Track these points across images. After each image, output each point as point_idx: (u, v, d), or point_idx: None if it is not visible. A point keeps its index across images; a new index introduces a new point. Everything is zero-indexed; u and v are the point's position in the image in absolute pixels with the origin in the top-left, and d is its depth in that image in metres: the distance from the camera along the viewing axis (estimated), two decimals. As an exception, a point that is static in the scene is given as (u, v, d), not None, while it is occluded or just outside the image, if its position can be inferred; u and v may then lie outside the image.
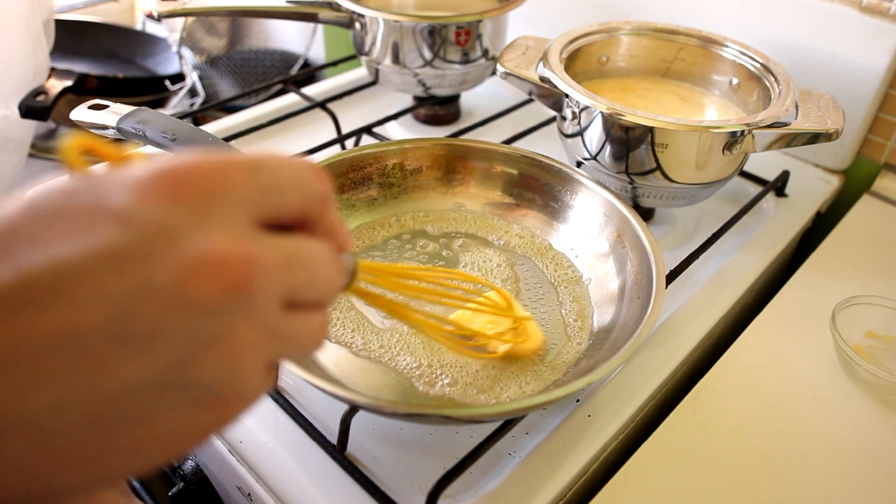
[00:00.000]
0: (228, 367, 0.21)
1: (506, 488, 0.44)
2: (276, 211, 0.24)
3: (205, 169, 0.22)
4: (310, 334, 0.25)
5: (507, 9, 0.76)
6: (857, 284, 0.63)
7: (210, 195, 0.21)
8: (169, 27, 1.14)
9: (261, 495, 0.47)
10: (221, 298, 0.20)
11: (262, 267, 0.22)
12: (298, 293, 0.24)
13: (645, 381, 0.52)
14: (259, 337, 0.22)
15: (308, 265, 0.24)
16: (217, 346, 0.21)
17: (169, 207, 0.21)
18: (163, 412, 0.21)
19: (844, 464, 0.48)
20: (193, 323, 0.20)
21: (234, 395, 0.22)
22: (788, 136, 0.56)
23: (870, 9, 0.70)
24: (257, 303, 0.22)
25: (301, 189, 0.24)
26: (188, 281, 0.20)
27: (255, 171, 0.23)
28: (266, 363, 0.23)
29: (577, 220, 0.59)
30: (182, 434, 0.22)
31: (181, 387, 0.21)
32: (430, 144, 0.62)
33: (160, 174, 0.21)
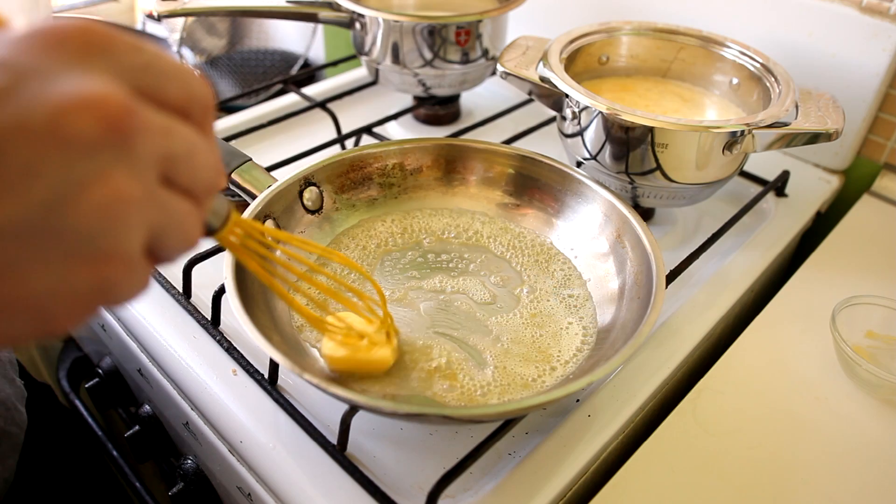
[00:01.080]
0: (106, 215, 0.20)
1: (506, 488, 0.44)
2: (157, 90, 0.23)
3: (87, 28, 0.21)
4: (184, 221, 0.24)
5: (507, 9, 0.76)
6: (857, 284, 0.63)
7: (90, 49, 0.21)
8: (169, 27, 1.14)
9: (261, 495, 0.47)
10: (97, 136, 0.20)
11: (141, 118, 0.21)
12: (176, 169, 0.23)
13: (645, 381, 0.52)
14: (137, 192, 0.21)
15: (186, 142, 0.24)
16: (94, 187, 0.20)
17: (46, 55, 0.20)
18: (34, 264, 0.20)
19: (844, 464, 0.48)
20: (68, 160, 0.20)
21: (111, 253, 0.21)
22: (788, 136, 0.56)
23: (870, 9, 0.70)
24: (136, 153, 0.21)
25: (184, 84, 0.24)
26: (63, 116, 0.19)
27: (139, 49, 0.23)
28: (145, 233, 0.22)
29: (577, 220, 0.59)
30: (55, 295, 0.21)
31: (53, 233, 0.20)
32: (430, 144, 0.62)
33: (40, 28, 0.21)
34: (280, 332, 0.49)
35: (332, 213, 0.59)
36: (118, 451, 0.66)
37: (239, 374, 0.52)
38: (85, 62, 0.21)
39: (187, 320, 0.56)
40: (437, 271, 0.57)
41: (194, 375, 0.52)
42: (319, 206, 0.58)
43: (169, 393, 0.54)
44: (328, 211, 0.59)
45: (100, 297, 0.22)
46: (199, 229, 0.26)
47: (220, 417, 0.49)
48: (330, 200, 0.59)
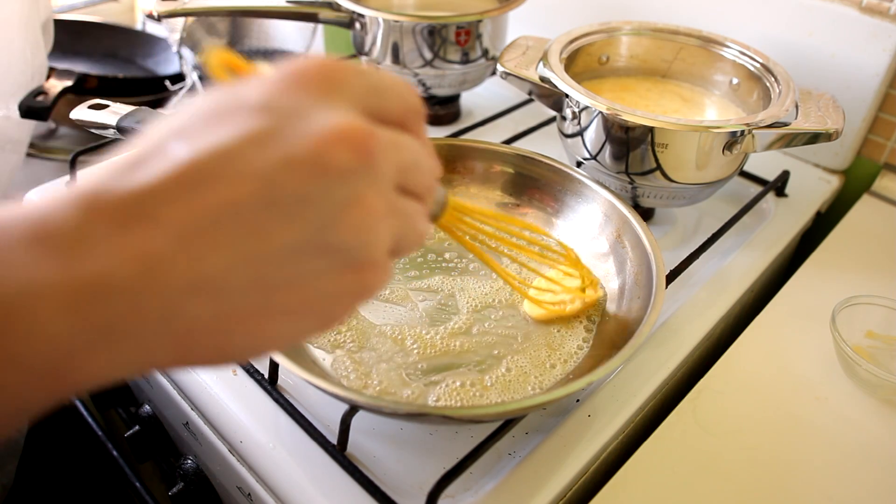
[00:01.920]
0: (363, 231, 0.24)
1: (506, 488, 0.44)
2: (381, 109, 0.26)
3: (324, 65, 0.25)
4: (416, 221, 0.28)
5: (507, 9, 0.76)
6: (857, 284, 0.63)
7: (331, 85, 0.25)
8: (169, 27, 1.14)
9: (261, 495, 0.47)
10: (352, 162, 0.23)
11: (380, 139, 0.25)
12: (406, 176, 0.27)
13: (645, 381, 0.52)
14: (384, 206, 0.25)
15: (412, 151, 0.27)
16: (352, 209, 0.24)
17: (298, 95, 0.24)
18: (312, 277, 0.24)
19: (844, 464, 0.48)
20: (331, 187, 0.23)
21: (369, 262, 0.25)
22: (788, 136, 0.56)
23: (870, 9, 0.70)
24: (380, 171, 0.25)
25: (401, 96, 0.27)
26: (323, 149, 0.23)
27: (363, 73, 0.26)
28: (390, 237, 0.26)
29: (577, 220, 0.59)
30: (329, 299, 0.25)
31: (326, 250, 0.24)
32: (430, 144, 0.62)
33: (287, 72, 0.25)
34: (280, 332, 0.49)
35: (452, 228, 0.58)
36: (118, 451, 0.66)
37: (239, 374, 0.52)
38: (328, 97, 0.24)
39: (187, 320, 0.56)
40: (438, 271, 0.56)
41: (194, 375, 0.52)
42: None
43: (169, 393, 0.54)
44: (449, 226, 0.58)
45: (362, 296, 0.26)
46: (427, 224, 0.30)
47: (220, 417, 0.49)
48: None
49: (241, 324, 0.23)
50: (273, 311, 0.24)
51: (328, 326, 0.26)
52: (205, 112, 0.23)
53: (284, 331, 0.25)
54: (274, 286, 0.23)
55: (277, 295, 0.24)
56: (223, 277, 0.22)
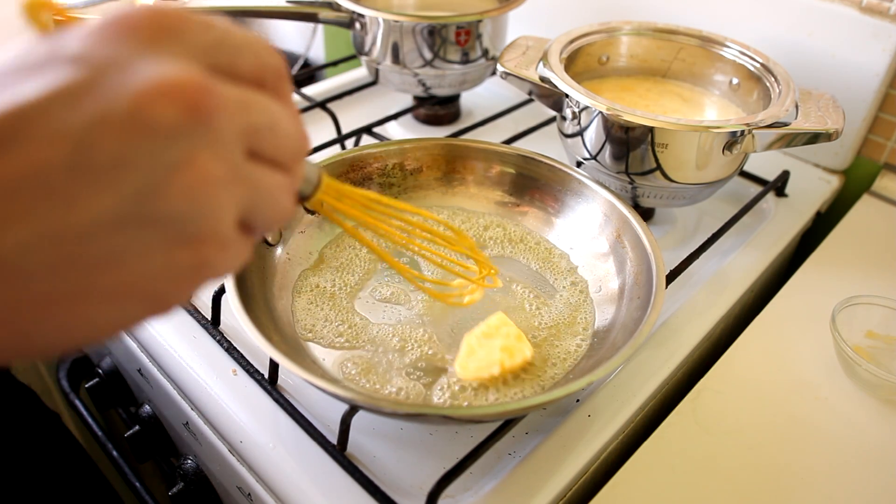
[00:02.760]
0: (195, 197, 0.21)
1: (506, 488, 0.44)
2: (231, 65, 0.23)
3: (156, 12, 0.22)
4: (274, 192, 0.25)
5: (507, 9, 0.76)
6: (857, 284, 0.63)
7: (161, 33, 0.22)
8: (169, 27, 1.14)
9: (261, 495, 0.47)
10: (179, 120, 0.20)
11: (219, 96, 0.21)
12: (260, 140, 0.24)
13: (645, 381, 0.52)
14: (223, 171, 0.22)
15: (266, 112, 0.24)
16: (180, 172, 0.20)
17: (120, 44, 0.21)
18: (136, 253, 0.21)
19: (844, 464, 0.48)
20: (153, 148, 0.20)
21: (207, 234, 0.22)
22: (788, 136, 0.56)
23: (870, 9, 0.70)
24: (218, 132, 0.21)
25: (256, 55, 0.24)
26: (144, 105, 0.20)
27: (209, 27, 0.23)
28: (237, 210, 0.23)
29: (577, 220, 0.59)
30: (160, 279, 0.21)
31: (150, 221, 0.21)
32: (430, 144, 0.62)
33: (112, 19, 0.21)
34: (280, 332, 0.49)
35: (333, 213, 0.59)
36: (118, 451, 0.66)
37: (239, 374, 0.52)
38: (158, 47, 0.21)
39: (187, 320, 0.56)
40: (438, 270, 0.56)
41: (194, 375, 0.52)
42: (319, 206, 0.58)
43: (169, 393, 0.54)
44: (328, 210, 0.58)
45: (201, 274, 0.23)
46: (291, 198, 0.26)
47: (220, 417, 0.49)
48: (330, 200, 0.59)
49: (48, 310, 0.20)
50: (89, 295, 0.20)
51: (163, 310, 0.23)
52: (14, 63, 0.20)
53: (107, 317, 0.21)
54: (88, 266, 0.20)
55: (93, 276, 0.20)
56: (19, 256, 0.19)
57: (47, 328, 0.20)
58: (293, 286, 0.54)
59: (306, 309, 0.52)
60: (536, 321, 0.52)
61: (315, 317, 0.52)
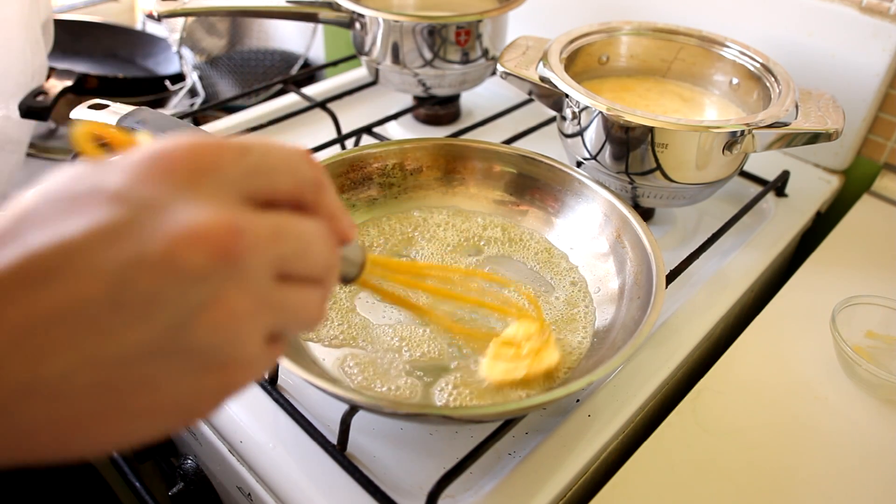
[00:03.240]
0: (223, 332, 0.23)
1: (506, 488, 0.44)
2: (267, 191, 0.25)
3: (194, 148, 0.23)
4: (305, 307, 0.26)
5: (507, 9, 0.76)
6: (857, 284, 0.63)
7: (198, 172, 0.23)
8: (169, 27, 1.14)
9: (261, 495, 0.47)
10: (208, 264, 0.22)
11: (249, 235, 0.23)
12: (290, 265, 0.25)
13: (645, 381, 0.52)
14: (251, 304, 0.23)
15: (298, 237, 0.25)
16: (209, 310, 0.22)
17: (159, 185, 0.22)
18: (167, 378, 0.23)
19: (844, 464, 0.48)
20: (185, 289, 0.22)
21: (233, 361, 0.24)
22: (788, 136, 0.56)
23: (870, 9, 0.70)
24: (246, 270, 0.23)
25: (292, 173, 0.26)
26: (176, 249, 0.21)
27: (246, 153, 0.24)
28: (264, 332, 0.25)
29: (577, 220, 0.59)
30: (189, 399, 0.23)
31: (181, 352, 0.22)
32: (430, 144, 0.62)
33: (152, 155, 0.23)
34: (280, 332, 0.49)
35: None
36: (118, 452, 0.66)
37: (239, 374, 0.52)
38: (195, 187, 0.23)
39: (187, 320, 0.56)
40: (437, 271, 0.57)
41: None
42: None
43: (169, 393, 0.54)
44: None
45: (227, 393, 0.25)
46: (322, 309, 0.27)
47: (220, 417, 0.49)
48: (330, 200, 0.59)
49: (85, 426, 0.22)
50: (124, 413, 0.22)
51: (191, 422, 0.25)
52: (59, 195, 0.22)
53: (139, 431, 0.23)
54: (122, 388, 0.22)
55: (129, 397, 0.22)
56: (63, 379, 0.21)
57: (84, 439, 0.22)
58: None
59: (306, 309, 0.52)
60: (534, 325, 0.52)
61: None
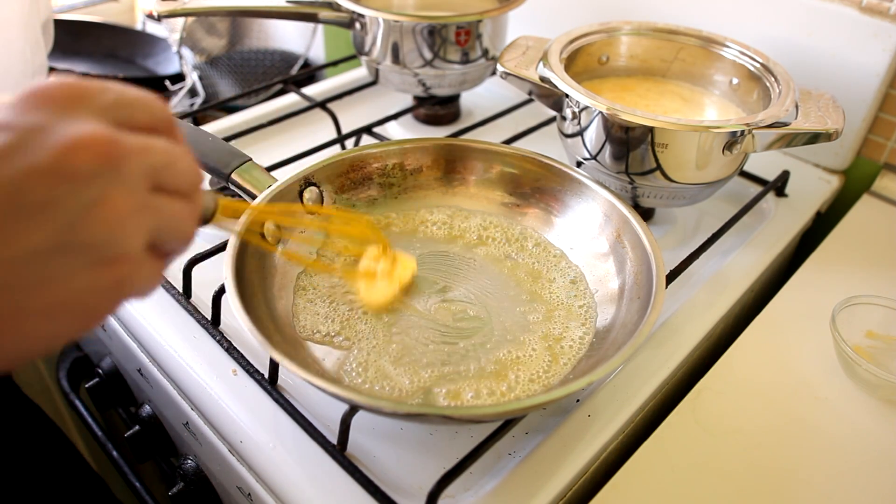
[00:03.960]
0: (110, 227, 0.26)
1: (506, 488, 0.44)
2: (129, 121, 0.28)
3: (64, 83, 0.27)
4: (180, 216, 0.29)
5: (507, 9, 0.76)
6: (857, 284, 0.63)
7: (71, 100, 0.27)
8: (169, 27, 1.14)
9: (261, 495, 0.47)
10: (94, 167, 0.25)
11: (123, 144, 0.26)
12: (161, 176, 0.28)
13: (645, 381, 0.52)
14: (133, 204, 0.27)
15: (165, 152, 0.29)
16: (97, 208, 0.25)
17: (39, 112, 0.26)
18: (64, 274, 0.25)
19: (844, 463, 0.48)
20: (75, 190, 0.25)
21: (121, 255, 0.26)
22: (788, 136, 0.56)
23: (870, 9, 0.70)
24: (125, 173, 0.26)
25: (148, 109, 0.29)
26: (65, 157, 0.25)
27: (106, 89, 0.28)
28: (146, 234, 0.28)
29: (576, 220, 0.59)
30: (86, 296, 0.26)
31: (75, 248, 0.25)
32: (430, 144, 0.62)
33: (29, 92, 0.26)
34: (280, 332, 0.49)
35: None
36: (118, 451, 0.66)
37: (239, 374, 0.52)
38: (70, 111, 0.26)
39: (187, 320, 0.56)
40: (439, 270, 0.56)
41: (194, 375, 0.52)
42: (320, 206, 0.58)
43: (169, 393, 0.54)
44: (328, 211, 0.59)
45: (121, 290, 0.27)
46: (193, 222, 0.31)
47: (220, 417, 0.49)
48: (330, 200, 0.59)
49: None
50: (29, 312, 0.25)
51: (91, 323, 0.27)
52: None
53: (44, 331, 0.26)
54: (24, 288, 0.25)
55: (30, 296, 0.25)
56: None
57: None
58: (293, 286, 0.54)
59: (306, 309, 0.52)
60: (534, 320, 0.52)
61: (315, 316, 0.52)
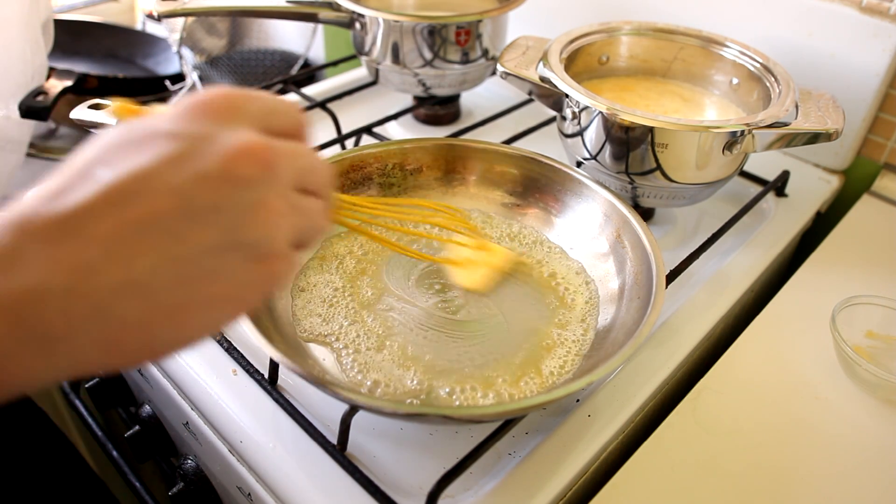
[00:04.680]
0: (268, 227, 0.28)
1: (506, 488, 0.44)
2: (275, 127, 0.31)
3: (222, 94, 0.30)
4: (318, 213, 0.32)
5: (507, 9, 0.76)
6: (857, 284, 0.63)
7: (230, 110, 0.29)
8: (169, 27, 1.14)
9: (261, 495, 0.47)
10: (255, 173, 0.28)
11: (278, 151, 0.29)
12: (304, 178, 0.31)
13: (645, 381, 0.52)
14: (284, 206, 0.29)
15: (307, 157, 0.31)
16: (257, 211, 0.28)
17: (203, 122, 0.28)
18: (228, 269, 0.28)
19: (844, 463, 0.48)
20: (238, 195, 0.27)
21: (274, 252, 0.29)
22: (788, 136, 0.56)
23: (870, 9, 0.70)
24: (280, 178, 0.29)
25: (288, 115, 0.32)
26: (230, 164, 0.27)
27: (257, 99, 0.31)
28: (293, 231, 0.30)
29: (577, 220, 0.59)
30: (244, 287, 0.29)
31: (237, 246, 0.28)
32: (430, 144, 0.62)
33: (191, 103, 0.29)
34: (280, 332, 0.49)
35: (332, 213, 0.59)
36: (118, 451, 0.66)
37: (239, 374, 0.52)
38: (229, 120, 0.29)
39: (187, 320, 0.56)
40: (440, 270, 0.56)
41: (194, 375, 0.52)
42: (319, 206, 0.58)
43: (169, 393, 0.54)
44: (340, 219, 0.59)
45: (271, 282, 0.30)
46: (327, 218, 0.33)
47: (220, 417, 0.49)
48: (330, 200, 0.59)
49: (169, 317, 0.27)
50: (196, 303, 0.27)
51: (243, 313, 0.30)
52: (120, 141, 0.27)
53: (207, 320, 0.28)
54: (195, 280, 0.27)
55: (199, 288, 0.27)
56: (149, 277, 0.26)
57: (168, 330, 0.27)
58: (293, 286, 0.54)
59: (306, 309, 0.52)
60: (535, 319, 0.52)
61: (315, 317, 0.52)
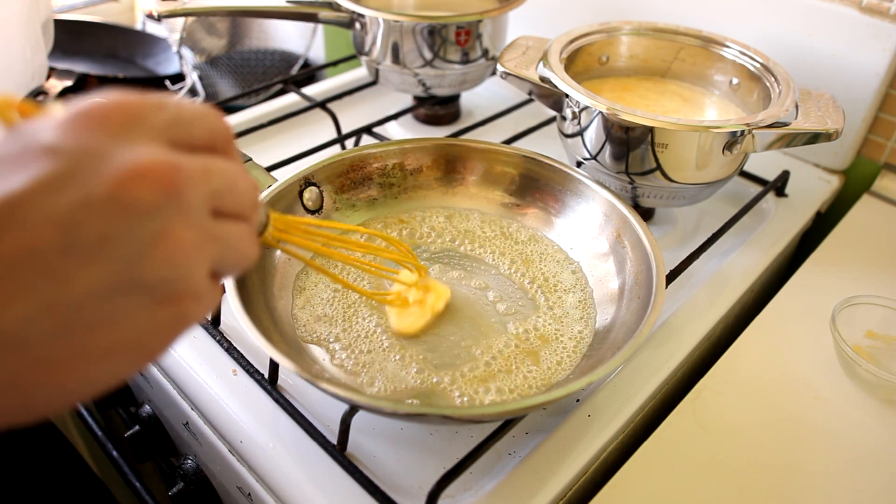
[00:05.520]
0: (173, 264, 0.24)
1: (506, 488, 0.44)
2: (187, 139, 0.26)
3: (120, 101, 0.25)
4: (241, 241, 0.28)
5: (507, 9, 0.76)
6: (857, 284, 0.63)
7: (128, 121, 0.24)
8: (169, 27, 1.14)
9: (261, 495, 0.47)
10: (155, 199, 0.23)
11: (185, 171, 0.24)
12: (221, 201, 0.26)
13: (645, 381, 0.52)
14: (195, 237, 0.25)
15: (225, 174, 0.27)
16: (159, 244, 0.23)
17: (93, 134, 0.23)
18: (125, 315, 0.23)
19: (844, 463, 0.48)
20: (134, 225, 0.23)
21: (185, 291, 0.25)
22: (788, 136, 0.56)
23: (870, 9, 0.70)
24: (187, 203, 0.24)
25: (205, 123, 0.27)
26: (122, 188, 0.22)
27: (163, 106, 0.26)
28: (209, 264, 0.26)
29: (577, 220, 0.59)
30: (146, 336, 0.24)
31: (135, 287, 0.23)
32: (430, 144, 0.62)
33: (79, 111, 0.24)
34: (280, 332, 0.49)
35: (333, 213, 0.59)
36: (118, 451, 0.66)
37: (239, 374, 0.52)
38: (126, 133, 0.24)
39: (187, 320, 0.56)
40: (440, 270, 0.56)
41: (194, 375, 0.52)
42: (320, 206, 0.58)
43: (169, 393, 0.54)
44: (328, 211, 0.59)
45: (181, 326, 0.25)
46: (255, 244, 0.29)
47: (220, 417, 0.49)
48: (330, 200, 0.59)
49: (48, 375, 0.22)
50: (86, 356, 0.23)
51: (151, 359, 0.25)
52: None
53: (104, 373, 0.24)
54: (82, 330, 0.22)
55: (87, 338, 0.23)
56: (22, 326, 0.21)
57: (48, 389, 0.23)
58: (293, 286, 0.54)
59: (306, 309, 0.52)
60: (534, 319, 0.52)
61: (315, 317, 0.52)
